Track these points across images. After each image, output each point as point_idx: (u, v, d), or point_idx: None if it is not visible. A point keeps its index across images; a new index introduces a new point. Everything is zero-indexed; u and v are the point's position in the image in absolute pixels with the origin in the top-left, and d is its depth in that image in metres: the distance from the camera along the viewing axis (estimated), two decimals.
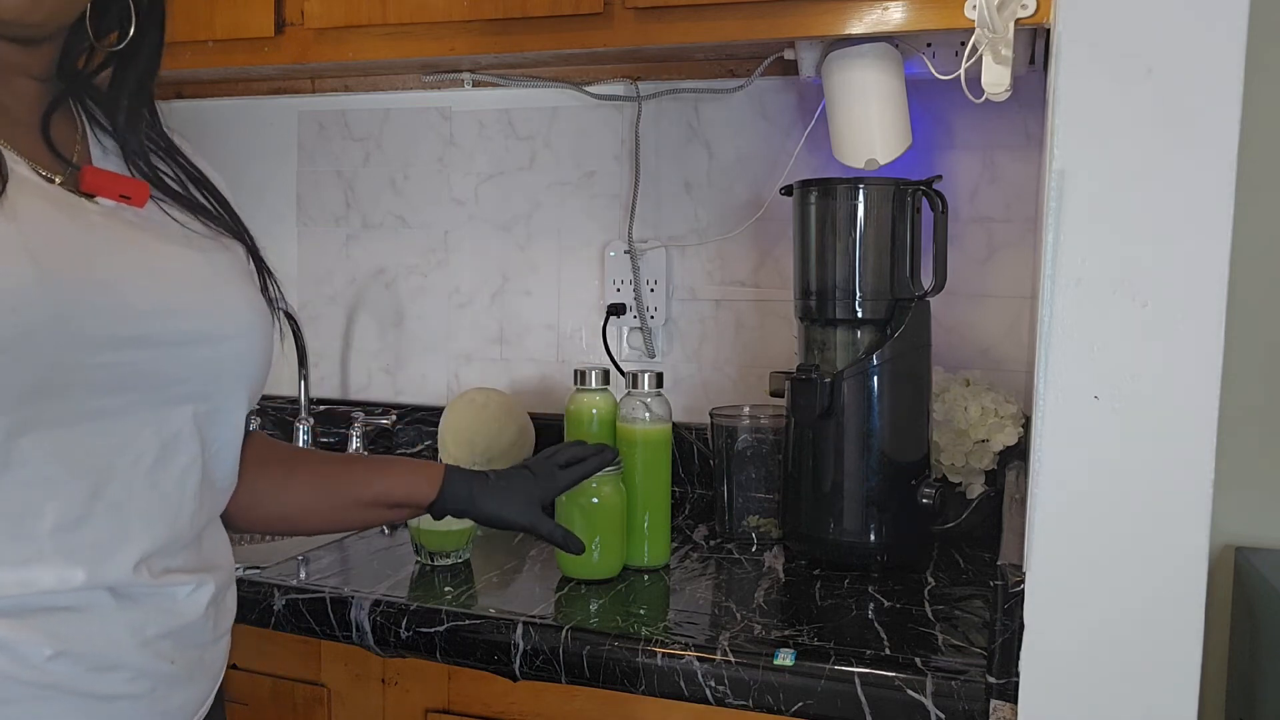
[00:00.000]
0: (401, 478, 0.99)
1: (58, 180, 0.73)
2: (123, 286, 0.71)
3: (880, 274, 1.26)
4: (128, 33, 0.80)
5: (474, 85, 1.68)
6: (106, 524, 0.71)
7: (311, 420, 1.71)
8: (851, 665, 0.95)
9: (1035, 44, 1.36)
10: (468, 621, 1.07)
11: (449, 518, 1.25)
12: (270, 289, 0.86)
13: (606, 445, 1.13)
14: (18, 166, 0.71)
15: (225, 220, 0.84)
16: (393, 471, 1.00)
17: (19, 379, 0.65)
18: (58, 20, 0.75)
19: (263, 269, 0.86)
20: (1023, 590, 0.86)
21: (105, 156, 0.80)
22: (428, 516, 1.21)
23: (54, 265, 0.67)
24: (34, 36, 0.75)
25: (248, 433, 0.86)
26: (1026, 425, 1.32)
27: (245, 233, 0.85)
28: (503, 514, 1.02)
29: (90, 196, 0.75)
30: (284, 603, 1.13)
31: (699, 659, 0.98)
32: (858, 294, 1.26)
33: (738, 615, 1.08)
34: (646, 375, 1.24)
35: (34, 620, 0.68)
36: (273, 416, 1.85)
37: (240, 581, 1.15)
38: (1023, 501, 0.95)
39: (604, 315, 1.66)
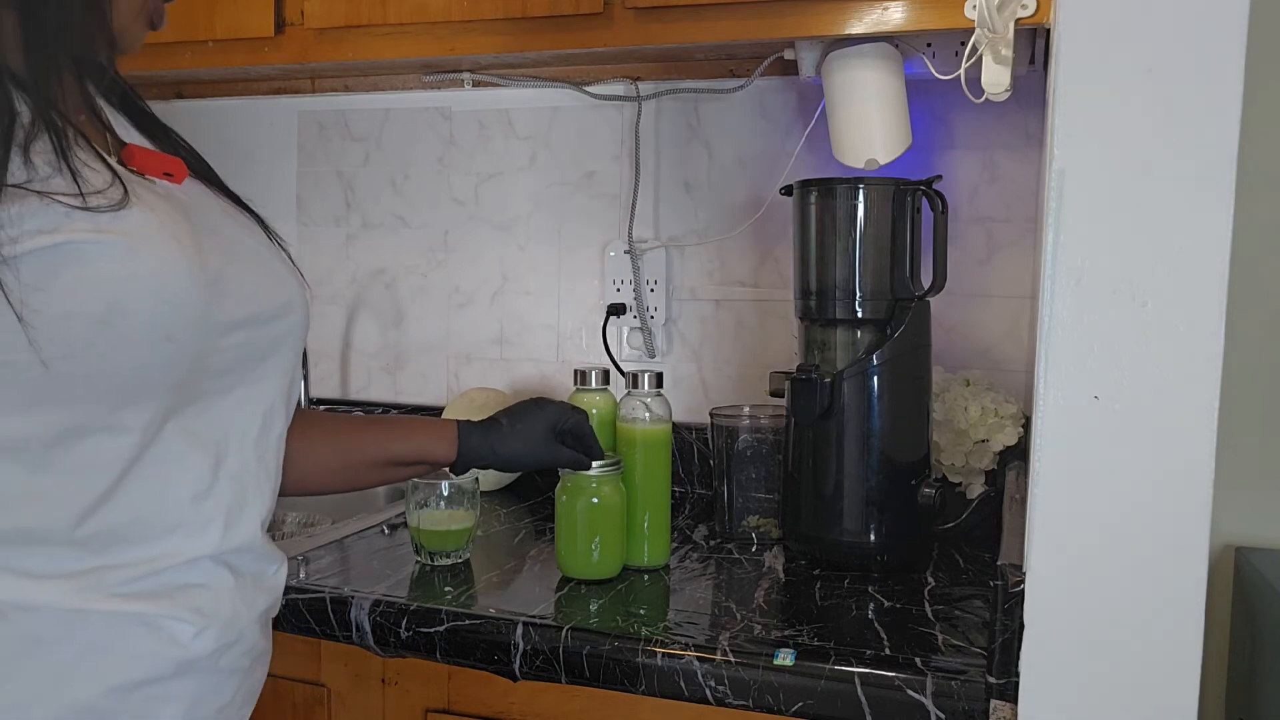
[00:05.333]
0: (417, 439, 1.03)
1: (115, 160, 0.71)
2: (229, 270, 0.72)
3: (880, 274, 1.25)
4: None
5: (474, 85, 1.69)
6: (229, 494, 0.76)
7: None
8: (851, 665, 0.95)
9: (1035, 44, 1.36)
10: (468, 621, 1.06)
11: (449, 517, 1.26)
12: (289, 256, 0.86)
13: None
14: (106, 157, 0.69)
15: (233, 193, 0.83)
16: (409, 434, 1.04)
17: (179, 366, 0.69)
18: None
19: (274, 237, 0.85)
20: (1023, 590, 0.86)
21: (127, 131, 0.77)
22: (428, 516, 1.23)
23: (193, 253, 0.68)
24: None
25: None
26: (1026, 425, 1.32)
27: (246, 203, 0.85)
28: (524, 458, 1.07)
29: (140, 175, 0.72)
30: (284, 603, 1.13)
31: (699, 659, 0.98)
32: (858, 294, 1.26)
33: (738, 615, 1.08)
34: (646, 375, 1.24)
35: (179, 598, 0.72)
36: None
37: None
38: (1023, 501, 0.95)
39: (604, 315, 1.66)
